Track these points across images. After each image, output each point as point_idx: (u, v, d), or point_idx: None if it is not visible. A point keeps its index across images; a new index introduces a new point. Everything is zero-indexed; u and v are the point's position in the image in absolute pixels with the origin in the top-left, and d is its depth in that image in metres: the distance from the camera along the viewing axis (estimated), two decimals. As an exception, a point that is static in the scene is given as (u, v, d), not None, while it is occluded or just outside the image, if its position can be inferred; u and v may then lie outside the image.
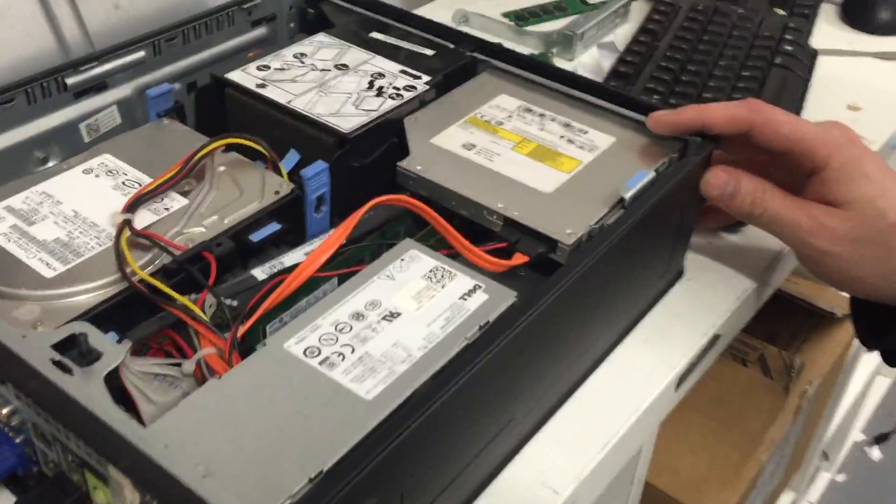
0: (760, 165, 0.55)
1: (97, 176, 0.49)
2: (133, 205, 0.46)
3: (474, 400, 0.39)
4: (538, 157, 0.53)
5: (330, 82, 0.57)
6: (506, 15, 0.90)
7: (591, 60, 0.84)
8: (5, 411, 0.38)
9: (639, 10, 0.91)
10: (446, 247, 0.48)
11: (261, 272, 0.45)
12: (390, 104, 0.55)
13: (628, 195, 0.49)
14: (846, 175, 0.51)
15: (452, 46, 0.62)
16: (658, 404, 0.52)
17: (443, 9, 0.90)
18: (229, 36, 0.64)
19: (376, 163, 0.53)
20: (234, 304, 0.43)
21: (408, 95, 0.56)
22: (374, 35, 0.63)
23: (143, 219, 0.46)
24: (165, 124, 0.54)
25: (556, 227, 0.47)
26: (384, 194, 0.48)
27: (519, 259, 0.47)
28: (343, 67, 0.59)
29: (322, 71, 0.58)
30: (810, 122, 0.53)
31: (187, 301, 0.41)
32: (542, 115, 0.56)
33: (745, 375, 0.99)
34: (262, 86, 0.56)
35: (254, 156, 0.52)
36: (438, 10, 0.90)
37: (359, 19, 0.65)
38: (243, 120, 0.56)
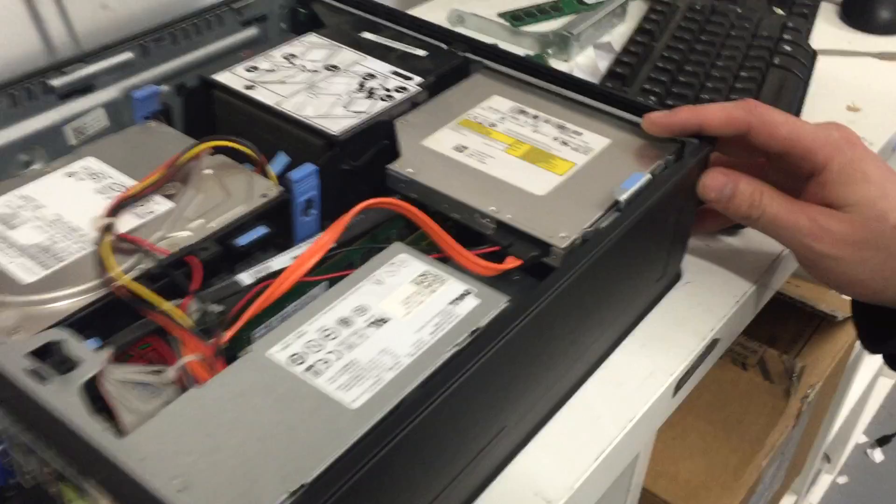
0: (758, 167, 0.54)
1: (80, 179, 0.48)
2: (116, 208, 0.45)
3: (464, 408, 0.38)
4: (531, 160, 0.52)
5: (320, 83, 0.56)
6: (501, 15, 0.89)
7: (587, 61, 0.83)
8: (-19, 422, 0.37)
9: (636, 10, 0.91)
10: (438, 250, 0.47)
11: (247, 277, 0.44)
12: (381, 106, 0.54)
13: (623, 198, 0.48)
14: (846, 177, 0.50)
15: (445, 47, 0.61)
16: (655, 411, 0.51)
17: (437, 9, 0.89)
18: (219, 36, 0.63)
19: (367, 165, 0.52)
20: (218, 309, 0.42)
21: (399, 97, 0.55)
22: (365, 35, 0.62)
23: (127, 223, 0.45)
24: (151, 127, 0.53)
25: (549, 230, 0.46)
26: (374, 197, 0.47)
27: (511, 263, 0.46)
28: (333, 68, 0.58)
29: (312, 72, 0.57)
30: (809, 123, 0.52)
31: (170, 307, 0.40)
32: (535, 116, 0.55)
33: (745, 379, 0.98)
34: (251, 87, 0.55)
35: (243, 158, 0.51)
36: (433, 10, 0.89)
37: (350, 19, 0.64)
38: (232, 122, 0.55)
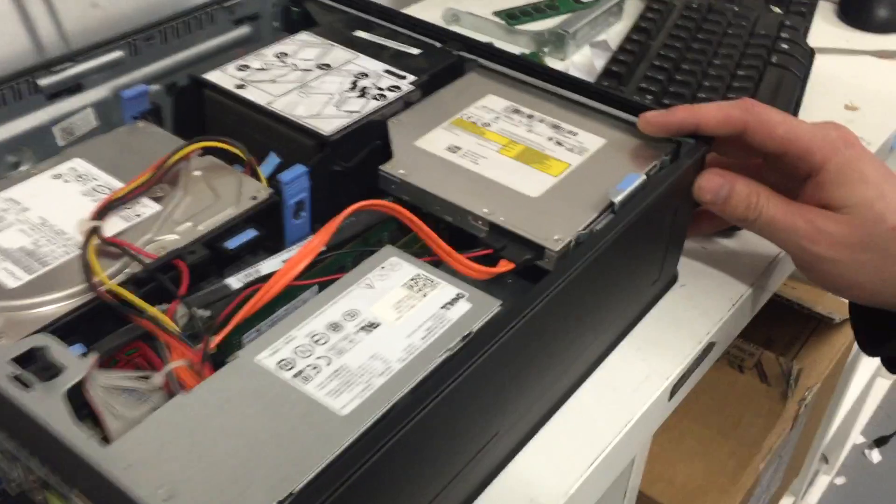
0: (755, 168, 0.53)
1: (67, 181, 0.47)
2: (102, 211, 0.44)
3: (456, 414, 0.38)
4: (525, 160, 0.51)
5: (311, 83, 0.55)
6: (497, 14, 0.88)
7: (583, 60, 0.83)
8: (-35, 429, 0.36)
9: (632, 9, 0.90)
10: (430, 253, 0.46)
11: (236, 281, 0.44)
12: (374, 105, 0.53)
13: (618, 199, 0.47)
14: (844, 178, 0.50)
15: (439, 45, 0.60)
16: (651, 415, 0.50)
17: (432, 7, 0.88)
18: (211, 35, 0.62)
19: (359, 166, 0.52)
20: (206, 314, 0.41)
21: (392, 96, 0.54)
22: (358, 34, 0.61)
23: (114, 226, 0.45)
24: (140, 127, 0.52)
25: (543, 232, 0.46)
26: (367, 199, 0.46)
27: (504, 266, 0.45)
28: (326, 67, 0.57)
29: (304, 71, 0.56)
30: (806, 123, 0.52)
31: (156, 311, 0.40)
32: (530, 116, 0.54)
33: (742, 382, 0.97)
34: (242, 86, 0.54)
35: (233, 159, 0.50)
36: (428, 8, 0.88)
37: (344, 18, 0.64)
38: (222, 122, 0.55)
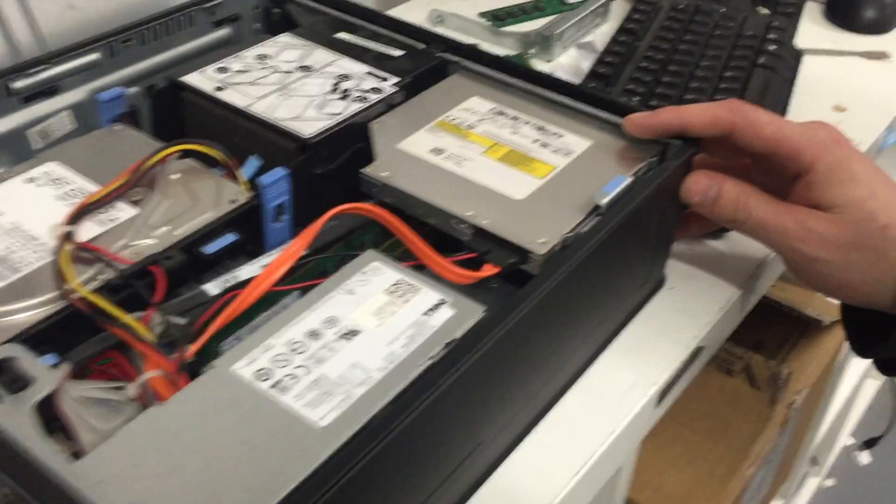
0: (743, 168, 0.52)
1: (41, 185, 0.46)
2: (77, 216, 0.43)
3: (438, 424, 0.37)
4: (510, 163, 0.50)
5: (292, 85, 0.54)
6: (482, 15, 0.87)
7: (569, 61, 0.82)
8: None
9: (619, 10, 0.89)
10: (413, 257, 0.45)
11: (214, 287, 0.43)
12: (356, 107, 0.52)
13: (605, 202, 0.46)
14: (833, 177, 0.49)
15: (422, 47, 0.59)
16: (638, 422, 0.49)
17: (417, 9, 0.87)
18: (190, 37, 0.61)
19: (340, 169, 0.51)
20: (183, 321, 0.40)
21: (374, 98, 0.53)
22: (340, 35, 0.60)
23: (89, 231, 0.43)
24: (116, 130, 0.51)
25: (528, 235, 0.45)
26: (349, 202, 0.45)
27: (489, 270, 0.44)
28: (307, 69, 0.56)
29: (285, 73, 0.55)
30: (794, 123, 0.51)
31: (130, 319, 0.39)
32: (515, 118, 0.54)
33: (731, 385, 0.97)
34: (221, 89, 0.53)
35: (214, 163, 0.49)
36: (412, 10, 0.88)
37: (326, 19, 0.63)
38: (201, 125, 0.54)
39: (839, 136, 0.51)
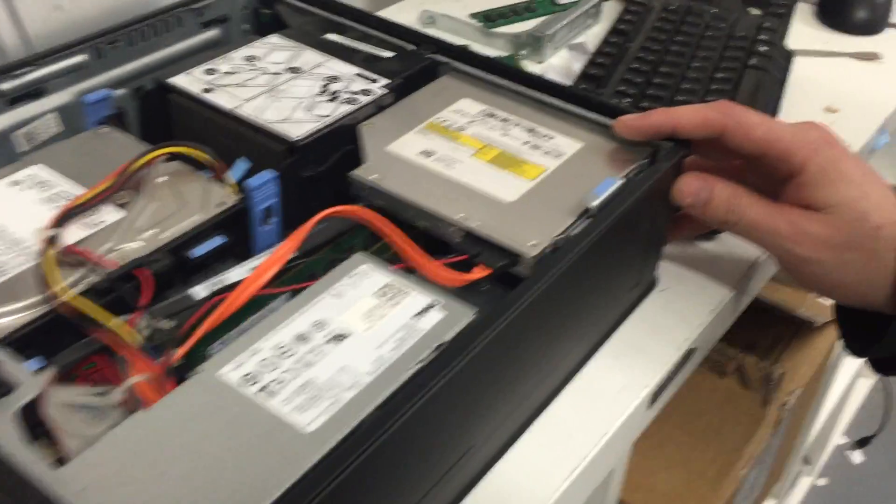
0: (735, 170, 0.52)
1: (26, 188, 0.46)
2: (62, 219, 0.43)
3: (428, 429, 0.36)
4: (501, 165, 0.50)
5: (281, 86, 0.54)
6: (473, 16, 0.87)
7: (561, 62, 0.82)
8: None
9: (610, 11, 0.89)
10: (402, 260, 0.45)
11: (202, 290, 0.42)
12: (345, 109, 0.52)
13: (595, 204, 0.46)
14: (825, 178, 0.49)
15: (413, 48, 0.59)
16: (630, 424, 0.49)
17: (408, 10, 0.87)
18: (178, 38, 0.61)
19: (329, 172, 0.50)
20: (170, 325, 0.40)
21: (363, 100, 0.53)
22: (330, 37, 0.60)
23: (74, 234, 0.43)
24: (103, 132, 0.51)
25: (518, 238, 0.44)
26: (338, 205, 0.45)
27: (479, 273, 0.44)
28: (296, 71, 0.55)
29: (273, 74, 0.55)
30: (785, 124, 0.51)
31: (115, 323, 0.38)
32: (505, 119, 0.53)
33: (723, 387, 0.97)
34: (209, 90, 0.53)
35: (202, 165, 0.48)
36: (403, 11, 0.87)
37: (315, 20, 0.62)
38: (189, 127, 0.53)
39: (830, 137, 0.51)
